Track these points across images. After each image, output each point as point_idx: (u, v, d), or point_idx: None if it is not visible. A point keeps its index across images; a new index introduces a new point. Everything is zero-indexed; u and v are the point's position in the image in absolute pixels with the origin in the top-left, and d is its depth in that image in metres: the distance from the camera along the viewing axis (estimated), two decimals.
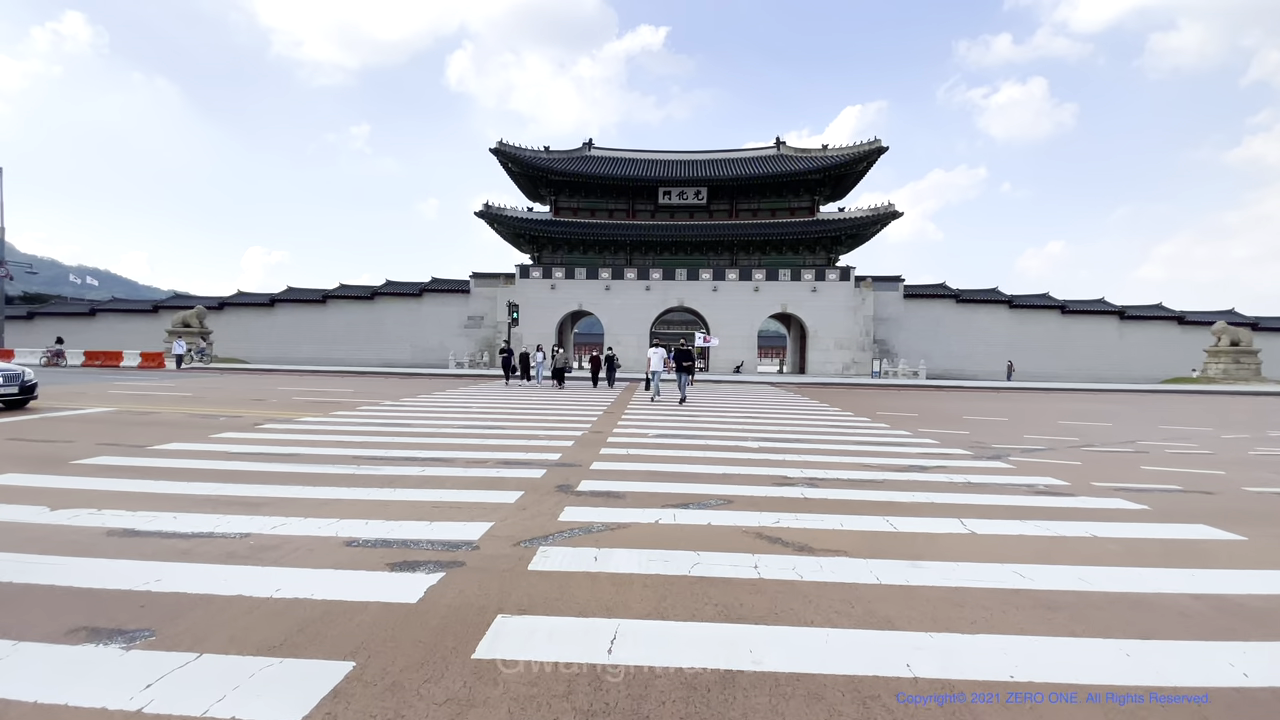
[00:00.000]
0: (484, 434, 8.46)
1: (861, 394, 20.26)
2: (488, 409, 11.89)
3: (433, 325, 41.16)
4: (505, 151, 37.91)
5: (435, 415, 10.62)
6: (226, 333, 42.25)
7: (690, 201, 39.57)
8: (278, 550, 3.62)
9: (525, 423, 9.78)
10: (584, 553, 3.59)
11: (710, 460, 6.84)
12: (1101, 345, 40.03)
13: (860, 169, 38.11)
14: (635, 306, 37.48)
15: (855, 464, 6.78)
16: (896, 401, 16.79)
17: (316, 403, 12.68)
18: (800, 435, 9.12)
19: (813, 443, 8.36)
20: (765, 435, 9.00)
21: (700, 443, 8.13)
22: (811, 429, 9.91)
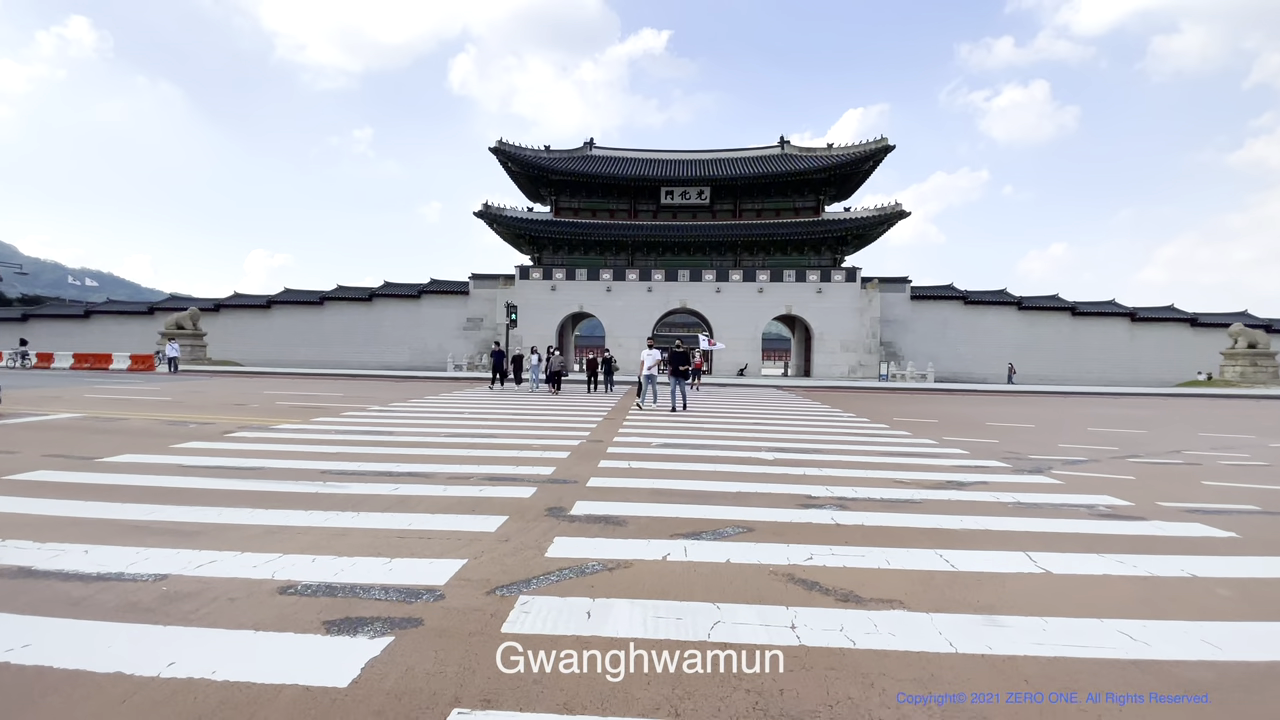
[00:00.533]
0: (472, 444, 7.74)
1: (872, 398, 19.50)
2: (480, 416, 11.17)
3: (431, 327, 40.50)
4: (505, 151, 37.29)
5: (423, 422, 9.90)
6: (223, 335, 41.63)
7: (693, 201, 38.88)
8: (194, 600, 2.89)
9: (518, 431, 9.06)
10: (575, 605, 2.86)
11: (722, 475, 6.10)
12: (1112, 347, 39.22)
13: (866, 168, 37.41)
14: (637, 308, 36.77)
15: (885, 480, 6.04)
16: (910, 406, 16.03)
17: (300, 408, 11.97)
18: (817, 445, 8.38)
19: (832, 454, 7.62)
20: (779, 445, 8.25)
21: (709, 454, 7.39)
22: (828, 437, 9.16)
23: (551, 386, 18.37)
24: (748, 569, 3.38)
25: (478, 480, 5.62)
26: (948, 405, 16.82)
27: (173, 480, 5.43)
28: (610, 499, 4.98)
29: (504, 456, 6.88)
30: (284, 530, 4.01)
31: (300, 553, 3.56)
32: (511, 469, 6.18)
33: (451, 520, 4.27)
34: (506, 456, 6.88)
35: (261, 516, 4.31)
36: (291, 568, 3.32)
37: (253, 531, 3.98)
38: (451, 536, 3.90)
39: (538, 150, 39.47)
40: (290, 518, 4.29)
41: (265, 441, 7.64)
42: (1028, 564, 3.62)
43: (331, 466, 6.12)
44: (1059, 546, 3.99)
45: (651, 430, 9.38)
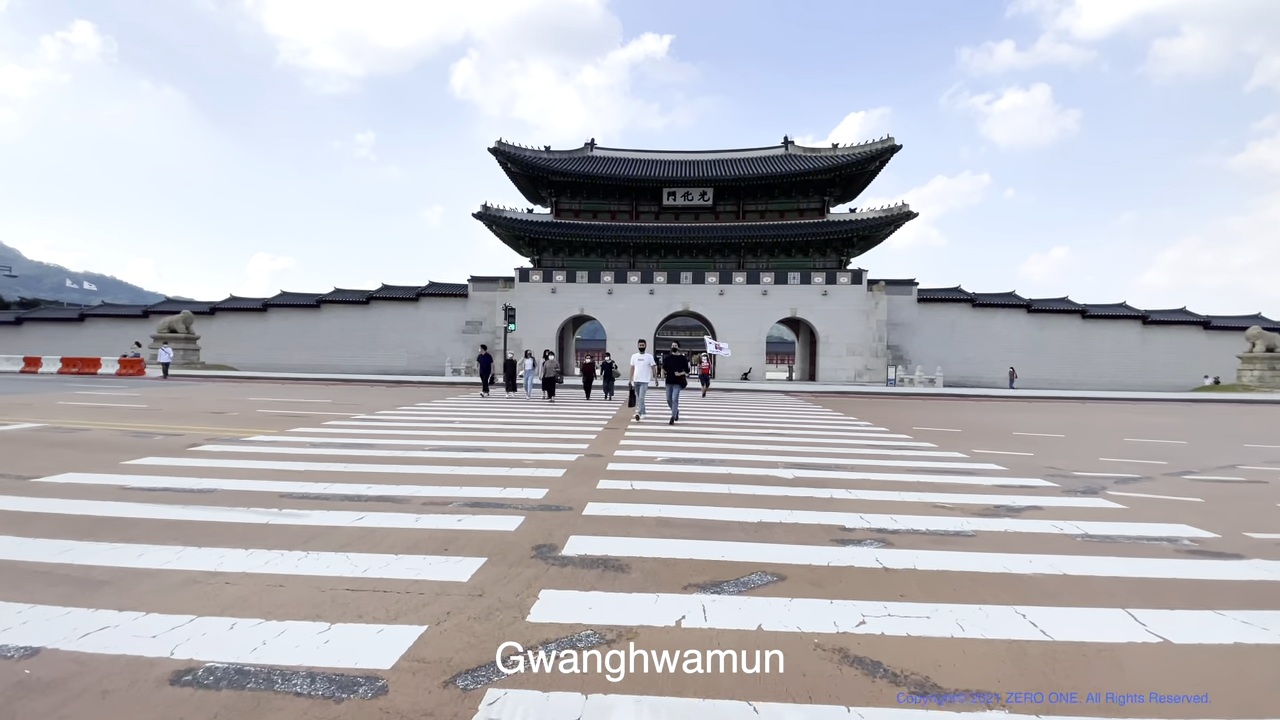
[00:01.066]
0: (456, 460, 6.99)
1: (884, 404, 18.72)
2: (469, 426, 10.43)
3: (430, 331, 39.84)
4: (504, 151, 36.67)
5: (408, 433, 9.17)
6: (219, 339, 40.98)
7: (695, 202, 38.22)
8: (54, 694, 2.16)
9: (508, 445, 8.31)
10: (560, 707, 2.11)
11: (738, 500, 5.36)
12: (1124, 351, 38.43)
13: (872, 168, 36.72)
14: (638, 311, 36.06)
15: (925, 505, 5.29)
16: (926, 413, 15.26)
17: (281, 416, 11.24)
18: (839, 460, 7.62)
19: (857, 470, 6.87)
20: (796, 459, 7.49)
21: (720, 471, 6.64)
22: (849, 450, 8.40)
23: (546, 394, 17.11)
24: (786, 640, 2.63)
25: (457, 507, 4.88)
26: (966, 412, 16.05)
27: (106, 507, 4.70)
28: (610, 532, 4.24)
29: (490, 475, 6.14)
30: (211, 579, 3.27)
31: (220, 614, 2.83)
32: (497, 491, 5.44)
33: (418, 564, 3.52)
34: (493, 476, 6.14)
35: (191, 558, 3.58)
36: (201, 638, 2.58)
37: (173, 580, 3.25)
38: (413, 589, 3.16)
39: (537, 151, 38.85)
40: (225, 560, 3.56)
41: (229, 457, 6.91)
42: (1135, 627, 2.87)
43: (294, 489, 5.38)
44: (1161, 599, 3.24)
45: (655, 443, 8.62)
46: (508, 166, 37.73)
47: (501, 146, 36.72)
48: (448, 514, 4.65)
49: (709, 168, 38.65)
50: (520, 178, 38.89)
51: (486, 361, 18.17)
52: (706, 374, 19.22)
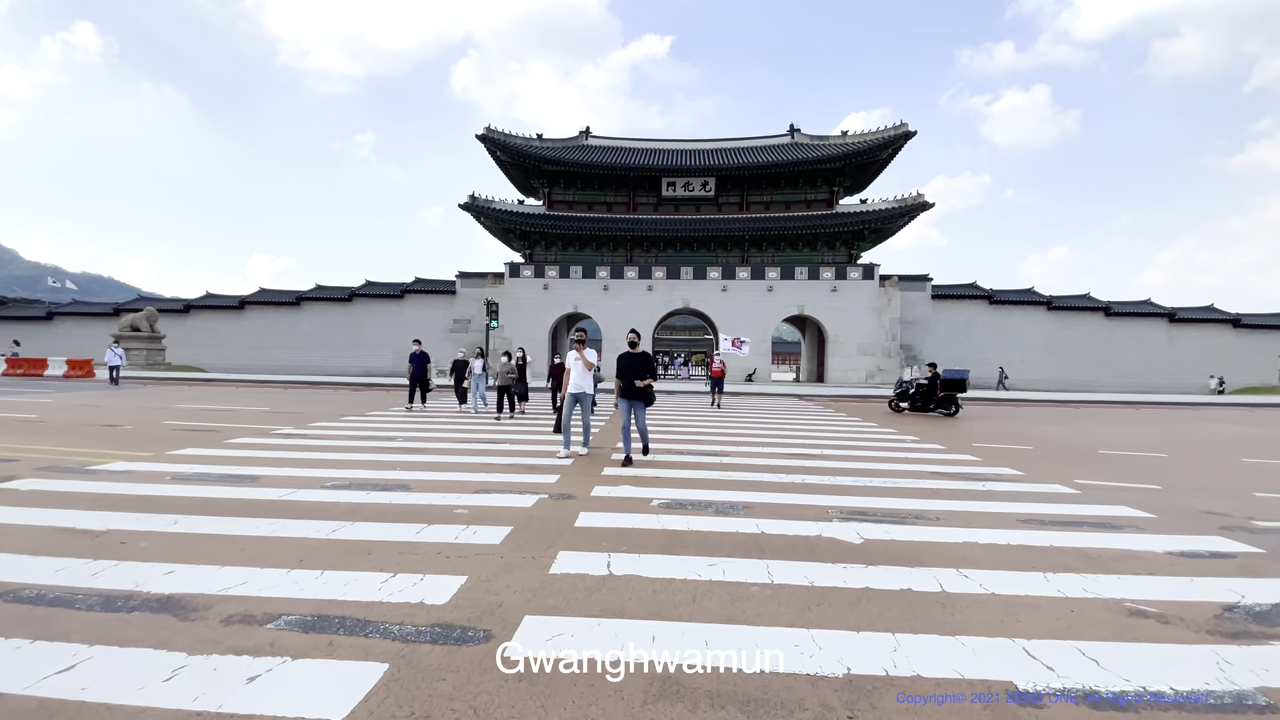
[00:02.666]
0: (348, 519, 4.77)
1: None
2: (405, 453, 8.22)
3: (415, 329, 37.44)
4: (493, 138, 34.46)
5: (319, 464, 6.95)
6: (193, 338, 38.84)
7: (696, 193, 36.03)
8: None
9: (444, 480, 6.09)
10: None
11: (783, 599, 3.14)
12: (1150, 350, 36.31)
13: (884, 156, 34.54)
14: (636, 308, 33.87)
15: (1110, 608, 3.09)
16: (973, 424, 13.07)
17: (185, 431, 9.03)
18: (909, 500, 5.40)
19: (950, 523, 4.66)
20: (850, 509, 5.22)
21: (746, 530, 4.41)
22: (914, 486, 6.14)
23: (506, 409, 12.34)
24: None
25: (279, 631, 2.67)
26: (1014, 422, 13.86)
27: None
28: (566, 705, 2.04)
29: (388, 551, 3.91)
30: None
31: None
32: (378, 591, 3.21)
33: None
34: (392, 551, 3.90)
35: None
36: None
37: None
38: None
39: (528, 138, 36.65)
40: None
41: (25, 503, 4.70)
42: None
43: (42, 575, 3.18)
44: None
45: (645, 488, 6.08)
46: (497, 155, 35.54)
47: (490, 133, 34.51)
48: (257, 657, 2.44)
49: (710, 157, 36.45)
50: (511, 167, 36.70)
51: (420, 362, 13.29)
52: (720, 376, 16.09)
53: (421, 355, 13.54)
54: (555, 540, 3.96)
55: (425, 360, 13.46)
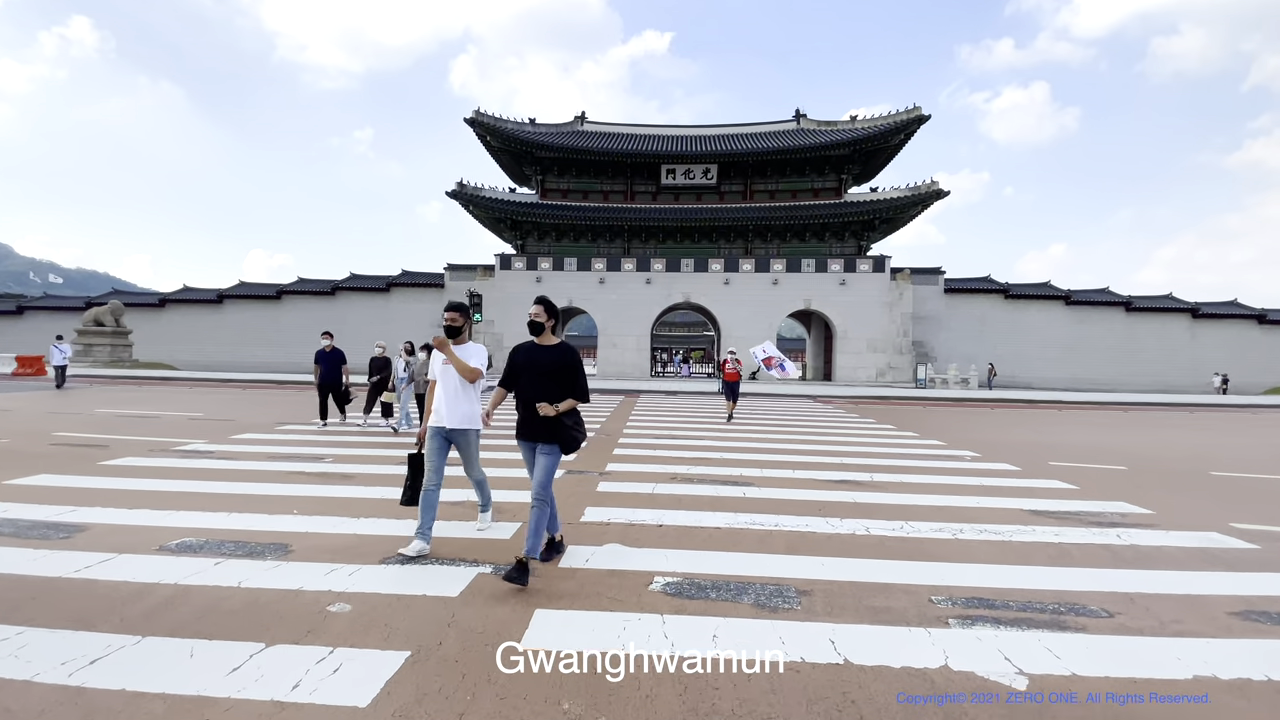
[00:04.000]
0: (146, 625, 3.00)
1: (938, 415, 14.78)
2: (320, 482, 6.42)
3: (402, 324, 35.71)
4: (483, 122, 32.54)
5: (187, 504, 5.16)
6: (168, 334, 37.01)
7: (698, 181, 34.18)
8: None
9: (346, 535, 4.30)
10: None
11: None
12: (1171, 347, 34.65)
13: (895, 142, 32.70)
14: (634, 302, 32.09)
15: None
16: (1012, 430, 11.33)
17: (78, 447, 7.25)
18: (1046, 576, 3.63)
19: (1137, 625, 2.90)
20: (965, 587, 3.46)
21: (830, 698, 2.63)
22: (1034, 538, 4.37)
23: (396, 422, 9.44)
24: None
25: None
26: (1064, 428, 12.12)
27: None
28: None
29: None
30: None
31: None
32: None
33: None
34: None
35: None
36: None
37: None
38: None
39: (521, 123, 34.75)
40: None
41: None
42: None
43: None
44: None
45: (629, 578, 3.61)
46: (488, 140, 33.65)
47: (480, 117, 32.58)
48: None
49: (712, 143, 34.57)
50: (502, 154, 34.82)
51: (332, 362, 9.94)
52: (735, 381, 12.40)
53: (333, 354, 10.02)
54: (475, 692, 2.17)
55: (339, 360, 10.03)
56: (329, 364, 9.94)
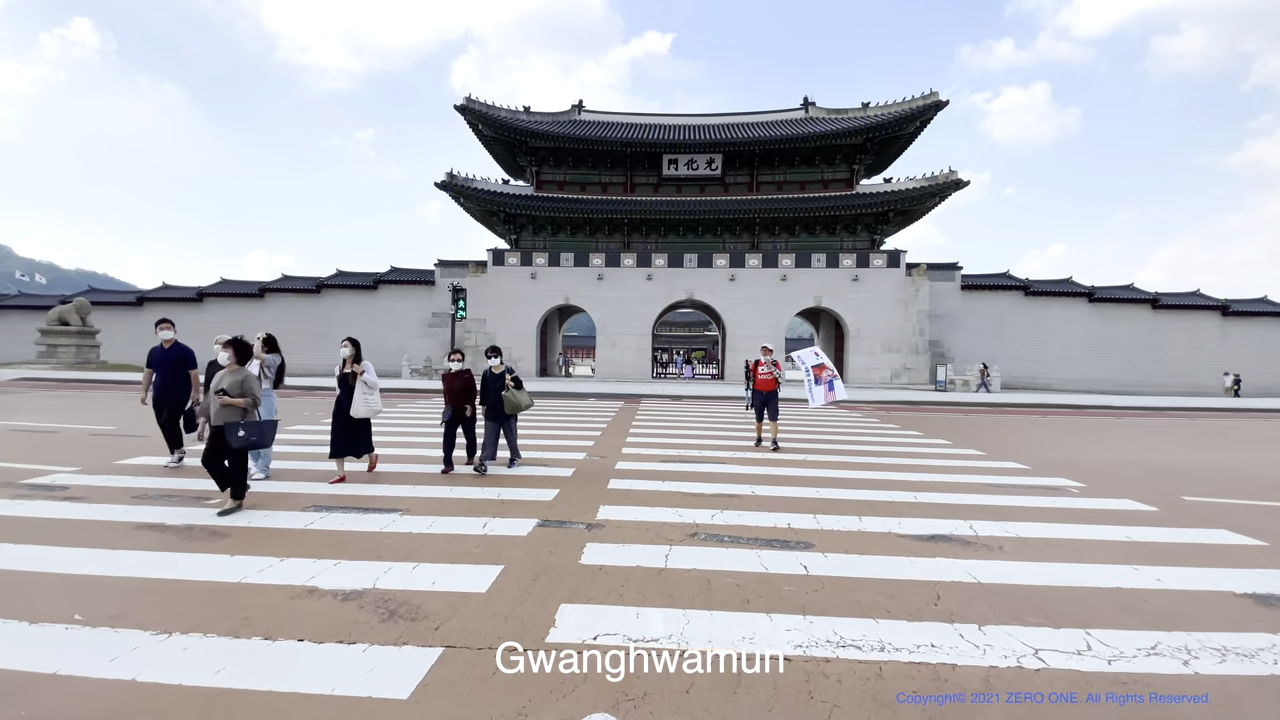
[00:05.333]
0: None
1: (988, 424, 13.06)
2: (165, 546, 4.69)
3: (390, 324, 34.09)
4: (474, 110, 30.76)
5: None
6: (148, 333, 34.73)
7: (701, 172, 32.41)
8: None
9: None
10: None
11: None
12: (1200, 346, 32.93)
13: (910, 130, 30.95)
14: (634, 300, 30.35)
15: None
16: (1087, 443, 9.60)
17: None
18: None
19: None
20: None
21: None
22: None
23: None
24: None
25: None
26: (1152, 441, 10.40)
27: None
28: None
29: None
30: None
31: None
32: None
33: None
34: None
35: None
36: None
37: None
38: None
39: (514, 110, 32.97)
40: None
41: None
42: None
43: None
44: None
45: None
46: (479, 129, 31.85)
47: (471, 104, 30.81)
48: None
49: (717, 132, 32.79)
50: (495, 143, 33.03)
51: (174, 366, 6.60)
52: (771, 390, 8.66)
53: (178, 354, 6.57)
54: None
55: (186, 363, 6.58)
56: (168, 369, 6.46)
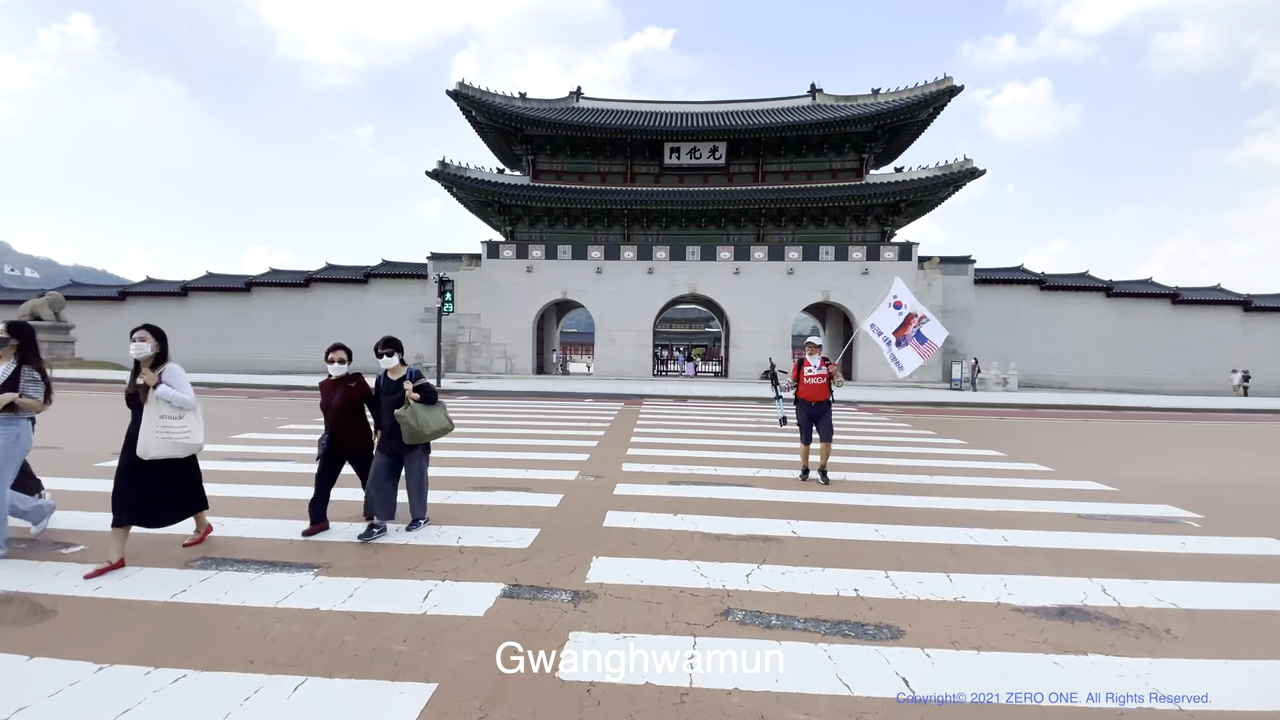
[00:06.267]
0: None
1: (1030, 428, 11.79)
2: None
3: (382, 319, 32.74)
4: (468, 95, 29.36)
5: None
6: (129, 328, 33.85)
7: (704, 161, 31.05)
8: None
9: None
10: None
11: None
12: (1222, 343, 31.70)
13: (923, 117, 29.57)
14: (634, 294, 29.04)
15: None
16: (1157, 450, 8.34)
17: None
18: None
19: None
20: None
21: None
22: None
23: None
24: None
25: None
26: (1213, 450, 9.13)
27: None
28: None
29: None
30: None
31: None
32: None
33: None
34: None
35: None
36: None
37: None
38: None
39: (509, 96, 31.57)
40: None
41: None
42: None
43: None
44: None
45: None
46: (473, 116, 30.45)
47: (464, 89, 29.41)
48: None
49: (720, 119, 31.41)
50: (490, 131, 31.63)
51: None
52: (823, 400, 6.42)
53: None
54: None
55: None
56: None
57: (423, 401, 4.28)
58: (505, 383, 22.94)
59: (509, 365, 29.51)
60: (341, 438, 4.37)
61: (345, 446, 4.40)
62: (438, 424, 4.31)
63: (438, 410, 4.38)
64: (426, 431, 4.20)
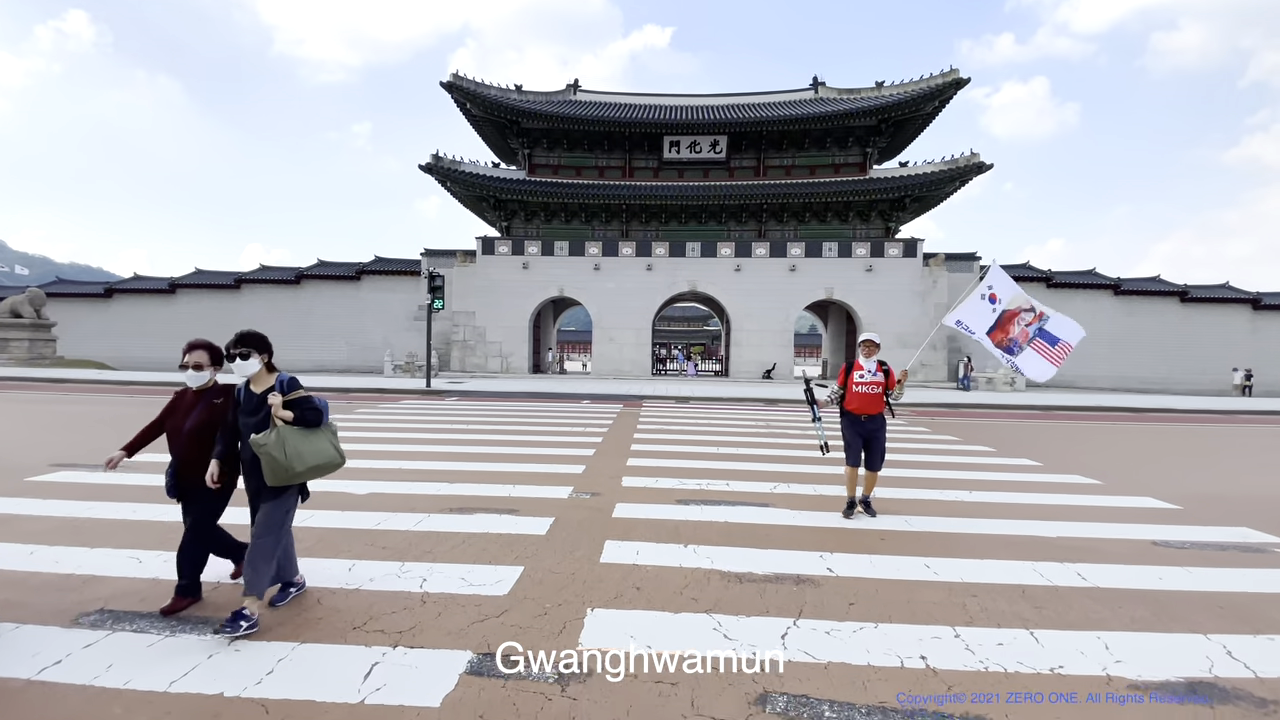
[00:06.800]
0: None
1: (1065, 433, 11.11)
2: None
3: (375, 317, 32.03)
4: (462, 87, 28.56)
5: None
6: (116, 327, 33.26)
7: (705, 155, 30.32)
8: None
9: None
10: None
11: None
12: (1230, 342, 31.17)
13: (928, 111, 28.87)
14: (633, 291, 28.34)
15: None
16: (1200, 463, 7.70)
17: None
18: None
19: None
20: None
21: None
22: None
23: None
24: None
25: None
26: (1265, 457, 8.46)
27: None
28: None
29: None
30: None
31: None
32: None
33: None
34: None
35: None
36: None
37: None
38: None
39: (505, 89, 30.79)
40: None
41: None
42: None
43: None
44: None
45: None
46: (468, 109, 29.66)
47: (459, 81, 28.61)
48: None
49: (721, 112, 30.65)
50: (485, 124, 30.85)
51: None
52: (878, 414, 5.27)
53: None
54: None
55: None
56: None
57: (302, 423, 2.94)
58: (499, 383, 22.21)
59: (505, 364, 28.79)
60: (192, 473, 3.07)
61: (194, 484, 3.09)
62: (317, 457, 2.93)
63: (319, 437, 2.99)
64: (298, 468, 2.85)
